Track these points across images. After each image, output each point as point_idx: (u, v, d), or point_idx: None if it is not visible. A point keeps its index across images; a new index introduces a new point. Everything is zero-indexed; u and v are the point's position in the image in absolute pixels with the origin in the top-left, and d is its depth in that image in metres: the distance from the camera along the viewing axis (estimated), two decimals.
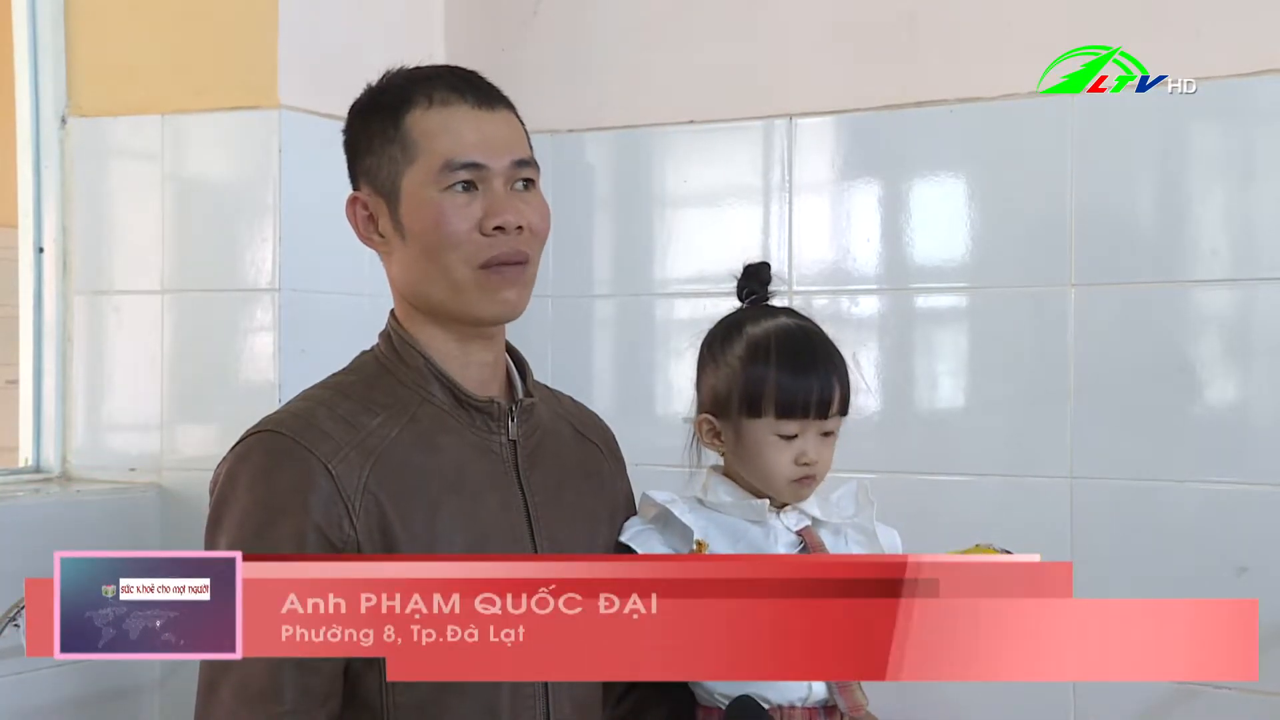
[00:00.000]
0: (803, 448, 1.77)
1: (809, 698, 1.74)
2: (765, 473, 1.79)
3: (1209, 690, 2.32)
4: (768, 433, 1.78)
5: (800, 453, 1.77)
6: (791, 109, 2.70)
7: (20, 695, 2.37)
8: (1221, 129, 2.44)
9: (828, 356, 1.80)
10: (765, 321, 1.82)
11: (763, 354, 1.79)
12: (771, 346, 1.79)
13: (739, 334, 1.82)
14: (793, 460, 1.77)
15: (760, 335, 1.80)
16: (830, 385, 1.78)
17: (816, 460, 1.78)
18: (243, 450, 1.66)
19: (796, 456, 1.77)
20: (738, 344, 1.81)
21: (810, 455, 1.77)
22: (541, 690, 1.69)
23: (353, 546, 1.60)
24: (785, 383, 1.77)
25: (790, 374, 1.77)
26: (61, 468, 2.72)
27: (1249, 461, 2.37)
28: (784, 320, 1.83)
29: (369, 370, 1.75)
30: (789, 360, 1.78)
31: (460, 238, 1.68)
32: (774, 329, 1.81)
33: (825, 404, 1.78)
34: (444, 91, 1.71)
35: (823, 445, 1.79)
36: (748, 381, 1.78)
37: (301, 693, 1.57)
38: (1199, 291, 2.43)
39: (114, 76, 2.70)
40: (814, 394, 1.77)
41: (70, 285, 2.73)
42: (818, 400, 1.77)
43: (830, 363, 1.80)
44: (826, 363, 1.79)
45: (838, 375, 1.79)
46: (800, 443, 1.77)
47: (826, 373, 1.78)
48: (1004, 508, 2.51)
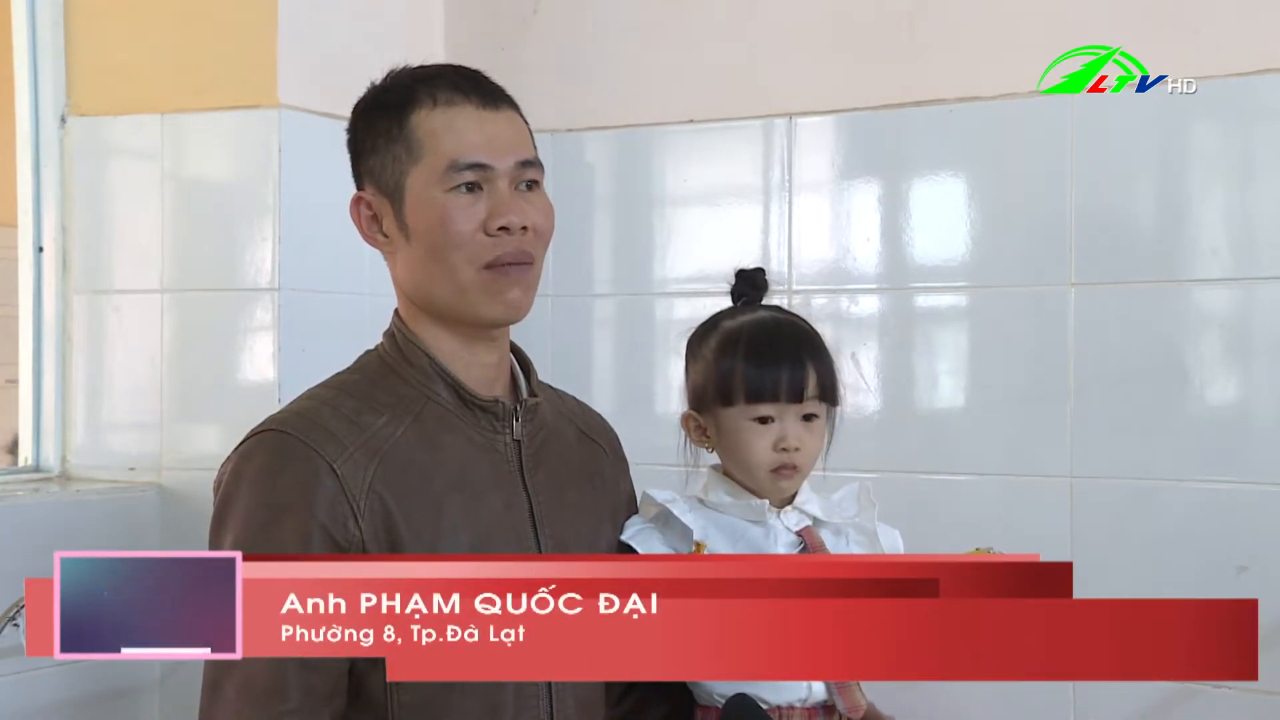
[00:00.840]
0: (781, 432, 1.76)
1: (808, 698, 1.74)
2: (746, 462, 1.78)
3: (1209, 690, 2.32)
4: (742, 419, 1.77)
5: (779, 437, 1.76)
6: (791, 108, 2.70)
7: (20, 695, 2.37)
8: (1221, 128, 2.44)
9: (801, 341, 1.80)
10: (741, 316, 1.84)
11: (734, 344, 1.79)
12: (742, 336, 1.80)
13: (715, 329, 1.83)
14: (771, 446, 1.76)
15: (733, 327, 1.82)
16: (801, 367, 1.77)
17: (798, 446, 1.76)
18: (247, 449, 1.66)
19: (775, 442, 1.76)
20: (713, 338, 1.82)
21: (790, 440, 1.76)
22: (545, 688, 1.69)
23: (358, 546, 1.61)
24: (753, 366, 1.77)
25: (759, 357, 1.77)
26: (61, 467, 2.72)
27: (1249, 461, 2.37)
28: (761, 313, 1.84)
29: (373, 369, 1.75)
30: (758, 345, 1.78)
31: (464, 238, 1.68)
32: (748, 320, 1.82)
33: (797, 385, 1.76)
34: (448, 91, 1.71)
35: (804, 432, 1.77)
36: (719, 371, 1.79)
37: (306, 691, 1.57)
38: (1199, 291, 2.43)
39: (113, 76, 2.70)
40: (783, 375, 1.76)
41: (70, 284, 2.72)
42: (789, 381, 1.76)
43: (803, 346, 1.79)
44: (798, 346, 1.79)
45: (812, 358, 1.78)
46: (778, 427, 1.76)
47: (797, 355, 1.77)
48: (1004, 507, 2.51)
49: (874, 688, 1.78)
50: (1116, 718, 2.40)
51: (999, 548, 1.73)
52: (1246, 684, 2.23)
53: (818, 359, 1.79)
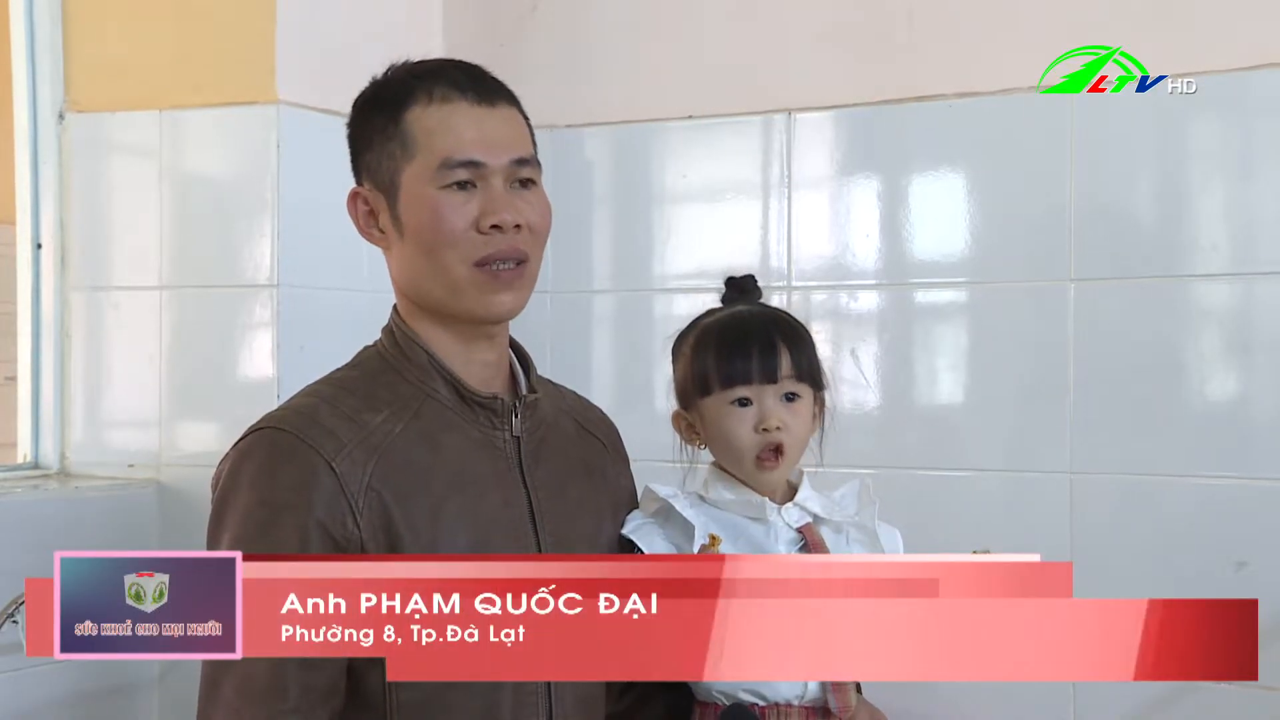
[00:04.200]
0: (760, 413, 1.76)
1: (804, 695, 1.74)
2: (731, 449, 1.78)
3: (1209, 688, 2.32)
4: (722, 405, 1.78)
5: (759, 418, 1.76)
6: (791, 104, 2.70)
7: (19, 692, 2.37)
8: (1221, 123, 2.44)
9: (772, 325, 1.80)
10: (720, 312, 1.85)
11: (708, 336, 1.81)
12: (715, 328, 1.81)
13: (694, 328, 1.85)
14: (753, 428, 1.76)
15: (709, 323, 1.83)
16: (772, 347, 1.77)
17: (779, 425, 1.75)
18: (245, 447, 1.66)
19: (756, 423, 1.76)
20: (691, 336, 1.84)
21: (769, 419, 1.75)
22: (544, 686, 1.68)
23: (356, 544, 1.60)
24: (726, 351, 1.78)
25: (731, 343, 1.78)
26: (60, 464, 2.72)
27: (1249, 456, 2.37)
28: (739, 308, 1.85)
29: (372, 366, 1.75)
30: (729, 333, 1.80)
31: (457, 236, 1.67)
32: (725, 315, 1.83)
33: (770, 365, 1.76)
34: (445, 88, 1.71)
35: (786, 412, 1.77)
36: (696, 364, 1.80)
37: (304, 690, 1.57)
38: (1198, 286, 2.43)
39: (112, 72, 2.69)
40: (754, 355, 1.76)
41: (68, 281, 2.72)
42: (760, 360, 1.76)
43: (775, 330, 1.79)
44: (769, 329, 1.79)
45: (786, 340, 1.78)
46: (757, 408, 1.76)
47: (768, 337, 1.78)
48: (1003, 503, 2.51)
49: (874, 688, 1.78)
50: (1116, 717, 2.40)
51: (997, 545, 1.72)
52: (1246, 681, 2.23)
53: (791, 341, 1.79)
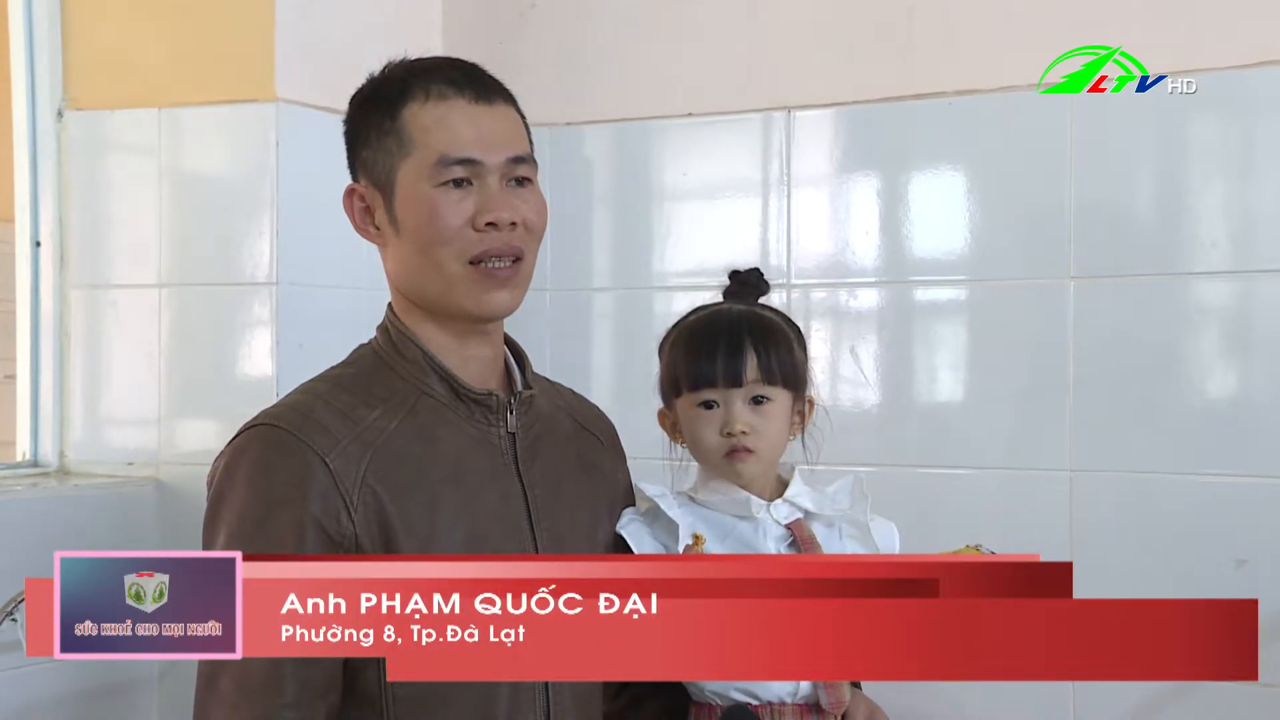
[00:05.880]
0: (725, 416, 1.77)
1: (797, 694, 1.74)
2: (700, 450, 1.80)
3: (1209, 688, 2.32)
4: (690, 406, 1.79)
5: (724, 422, 1.76)
6: (790, 101, 2.69)
7: (18, 690, 2.38)
8: (1220, 121, 2.44)
9: (743, 327, 1.79)
10: (702, 311, 1.85)
11: (682, 336, 1.82)
12: (689, 328, 1.82)
13: (675, 328, 1.85)
14: (718, 431, 1.77)
15: (687, 323, 1.83)
16: (738, 351, 1.76)
17: (743, 430, 1.75)
18: (240, 444, 1.66)
19: (720, 426, 1.77)
20: (672, 333, 1.85)
21: (734, 424, 1.75)
22: (542, 683, 1.69)
23: (351, 540, 1.60)
24: (693, 353, 1.78)
25: (698, 345, 1.79)
26: (59, 462, 2.72)
27: (1248, 454, 2.37)
28: (720, 307, 1.84)
29: (367, 363, 1.75)
30: (698, 334, 1.80)
31: (452, 233, 1.68)
32: (703, 314, 1.83)
33: (734, 369, 1.76)
34: (442, 85, 1.71)
35: (755, 416, 1.77)
36: (670, 364, 1.82)
37: (302, 685, 1.57)
38: (1198, 284, 2.43)
39: (110, 70, 2.69)
40: (719, 359, 1.76)
41: (67, 279, 2.72)
42: (724, 364, 1.76)
43: (745, 332, 1.78)
44: (738, 332, 1.78)
45: (756, 342, 1.77)
46: (722, 411, 1.77)
47: (735, 340, 1.77)
48: (1003, 501, 2.51)
49: (874, 687, 1.78)
50: (1116, 717, 2.40)
51: (996, 543, 1.73)
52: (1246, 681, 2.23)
53: (762, 343, 1.78)
